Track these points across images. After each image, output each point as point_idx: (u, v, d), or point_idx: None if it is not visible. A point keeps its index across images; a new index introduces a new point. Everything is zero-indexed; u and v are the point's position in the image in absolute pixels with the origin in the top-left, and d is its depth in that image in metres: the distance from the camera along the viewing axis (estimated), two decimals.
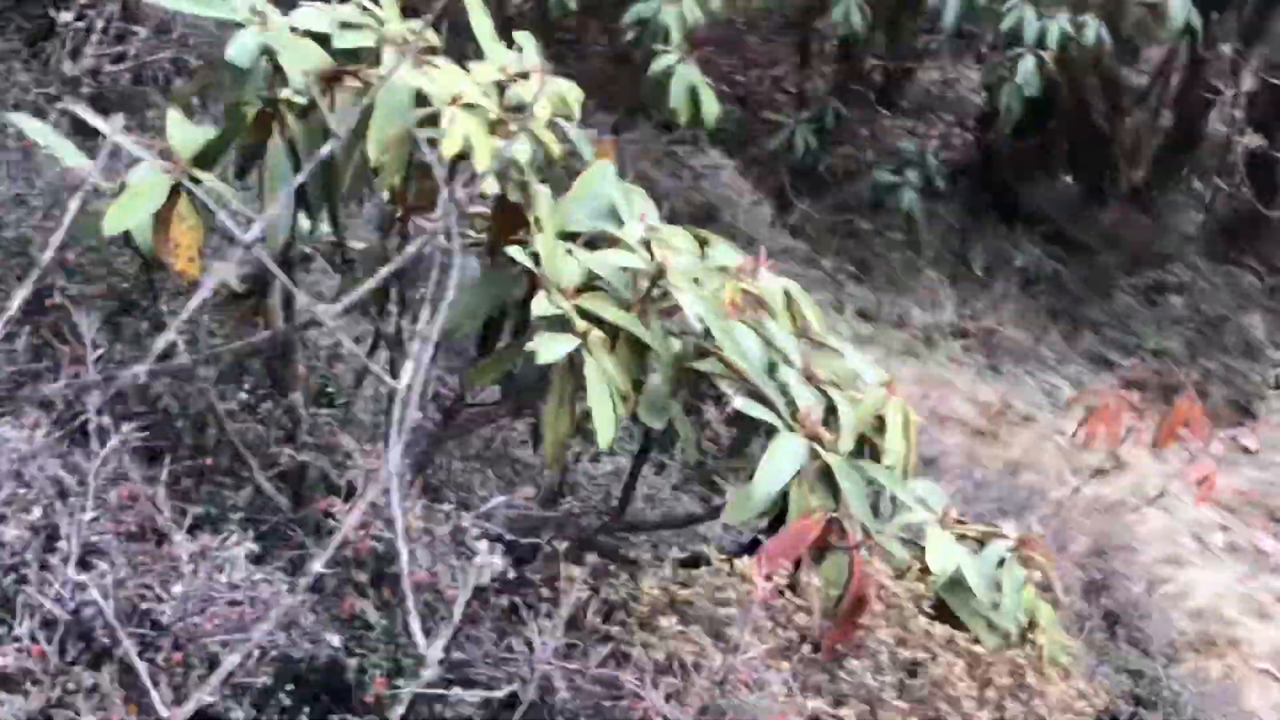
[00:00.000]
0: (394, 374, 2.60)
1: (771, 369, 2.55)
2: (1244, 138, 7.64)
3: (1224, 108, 8.32)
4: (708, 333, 2.49)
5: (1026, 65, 6.45)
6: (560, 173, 2.69)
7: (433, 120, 2.38)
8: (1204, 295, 7.56)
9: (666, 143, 5.82)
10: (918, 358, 6.53)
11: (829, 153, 7.44)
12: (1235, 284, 7.69)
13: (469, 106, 2.39)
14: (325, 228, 2.66)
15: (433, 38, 2.54)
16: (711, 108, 5.37)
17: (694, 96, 5.37)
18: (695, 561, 2.44)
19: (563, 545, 2.31)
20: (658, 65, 5.26)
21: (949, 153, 9.48)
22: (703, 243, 2.76)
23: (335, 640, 2.03)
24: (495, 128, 2.44)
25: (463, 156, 2.36)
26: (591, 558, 2.56)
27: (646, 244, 2.53)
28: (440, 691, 1.97)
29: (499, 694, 1.99)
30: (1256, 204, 7.72)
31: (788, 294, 2.77)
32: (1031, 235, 7.99)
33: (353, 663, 1.99)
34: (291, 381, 2.62)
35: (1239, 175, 8.14)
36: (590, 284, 2.50)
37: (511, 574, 2.13)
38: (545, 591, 2.25)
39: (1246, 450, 6.32)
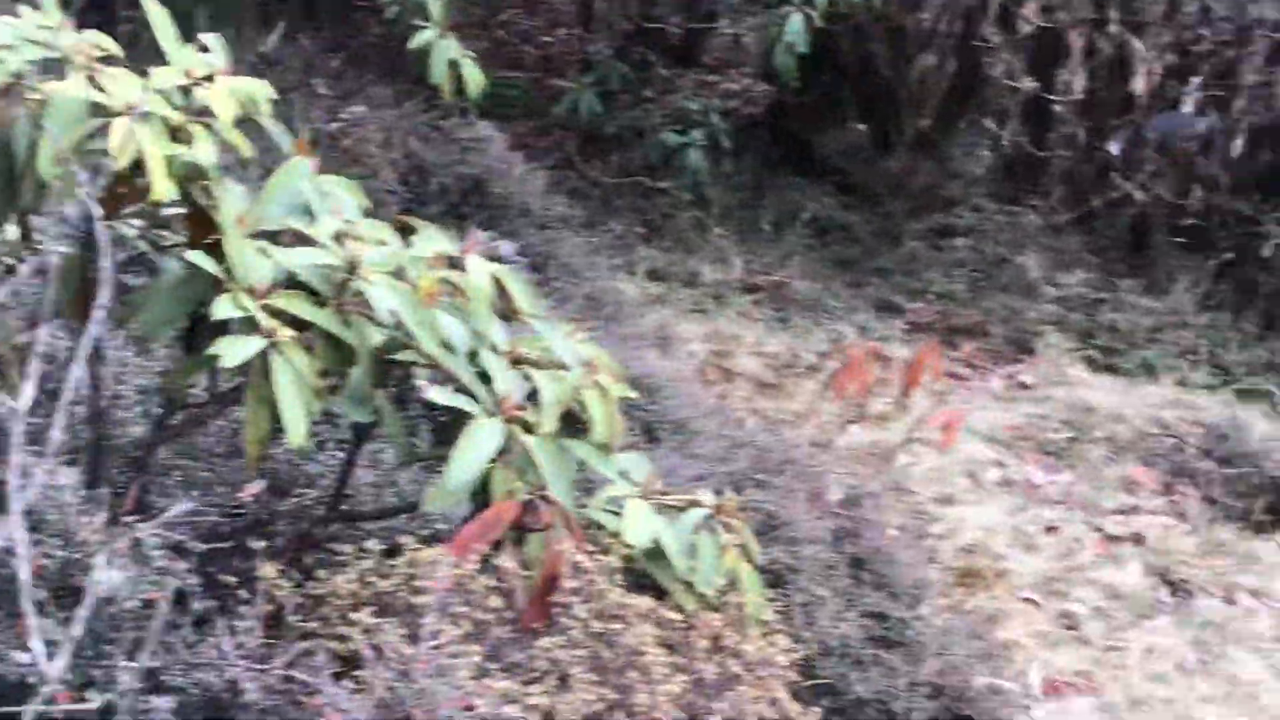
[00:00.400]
0: (95, 385, 2.63)
1: (474, 355, 2.60)
2: (1020, 81, 7.85)
3: (1003, 52, 8.54)
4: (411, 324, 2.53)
5: (794, 23, 6.55)
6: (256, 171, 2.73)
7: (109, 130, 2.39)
8: (987, 237, 7.77)
9: (437, 116, 5.82)
10: (708, 314, 6.65)
11: (616, 116, 7.51)
12: (1017, 224, 7.91)
13: (145, 115, 2.41)
14: None
15: (112, 46, 2.55)
16: (476, 80, 5.38)
17: (457, 70, 5.38)
18: (399, 550, 2.48)
19: (261, 544, 2.35)
20: (416, 41, 5.25)
21: (750, 108, 9.63)
22: (409, 232, 2.80)
23: (24, 657, 2.04)
24: (176, 133, 2.46)
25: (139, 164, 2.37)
26: (311, 553, 2.62)
27: (341, 238, 2.57)
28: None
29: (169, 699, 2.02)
30: (1029, 147, 7.95)
31: (496, 278, 2.81)
32: (823, 186, 8.15)
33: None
34: None
35: (1017, 118, 8.38)
36: (294, 282, 2.53)
37: (197, 579, 2.16)
38: (244, 593, 2.28)
39: (1025, 386, 6.53)
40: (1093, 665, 4.47)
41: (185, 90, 2.56)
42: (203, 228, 2.52)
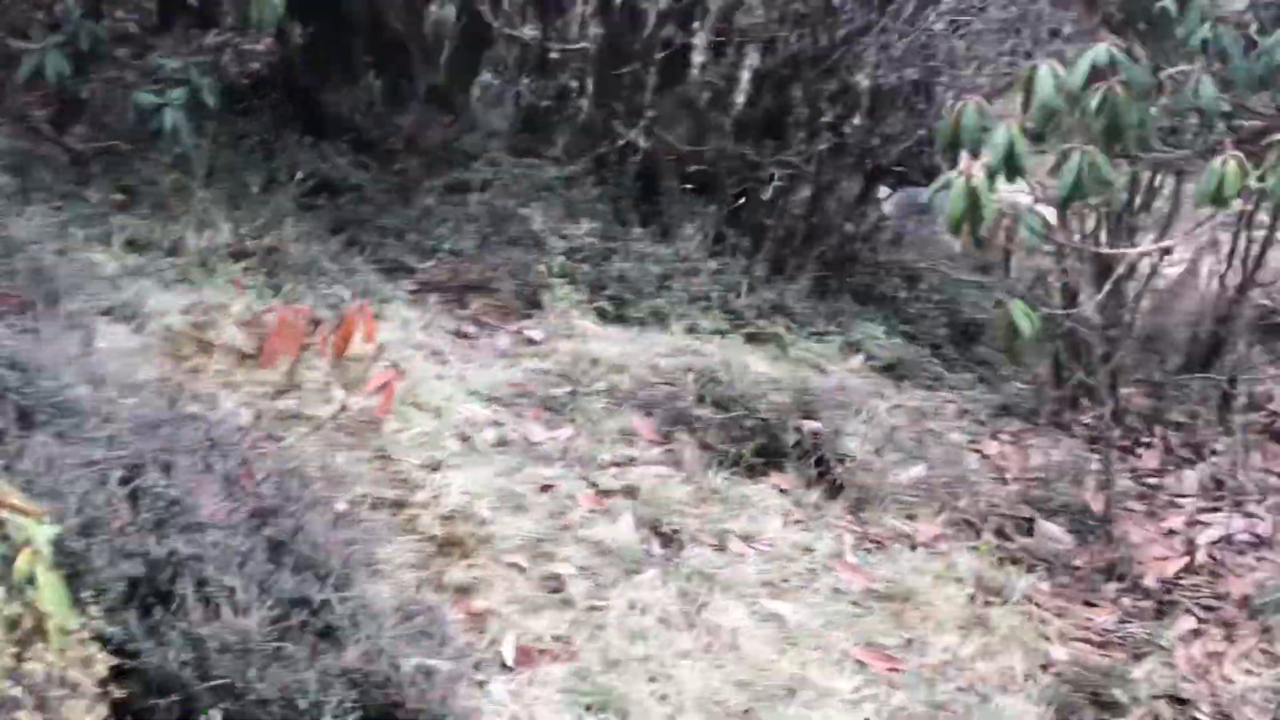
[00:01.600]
0: None
1: None
2: (522, 31, 7.66)
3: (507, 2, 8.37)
4: None
5: None
6: None
7: None
8: (502, 191, 7.55)
9: None
10: (193, 284, 6.18)
11: (90, 78, 6.93)
12: (532, 177, 7.72)
13: None
14: None
15: None
16: None
17: None
18: None
19: None
20: None
21: (257, 64, 9.15)
22: None
23: None
24: None
25: None
26: None
27: None
28: None
29: None
30: (537, 97, 7.80)
31: None
32: (335, 145, 7.79)
33: None
34: None
35: (529, 69, 8.21)
36: None
37: None
38: None
39: (533, 342, 6.34)
40: (573, 629, 4.27)
41: None
42: None
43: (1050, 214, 6.57)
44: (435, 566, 4.46)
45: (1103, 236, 5.94)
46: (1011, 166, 4.56)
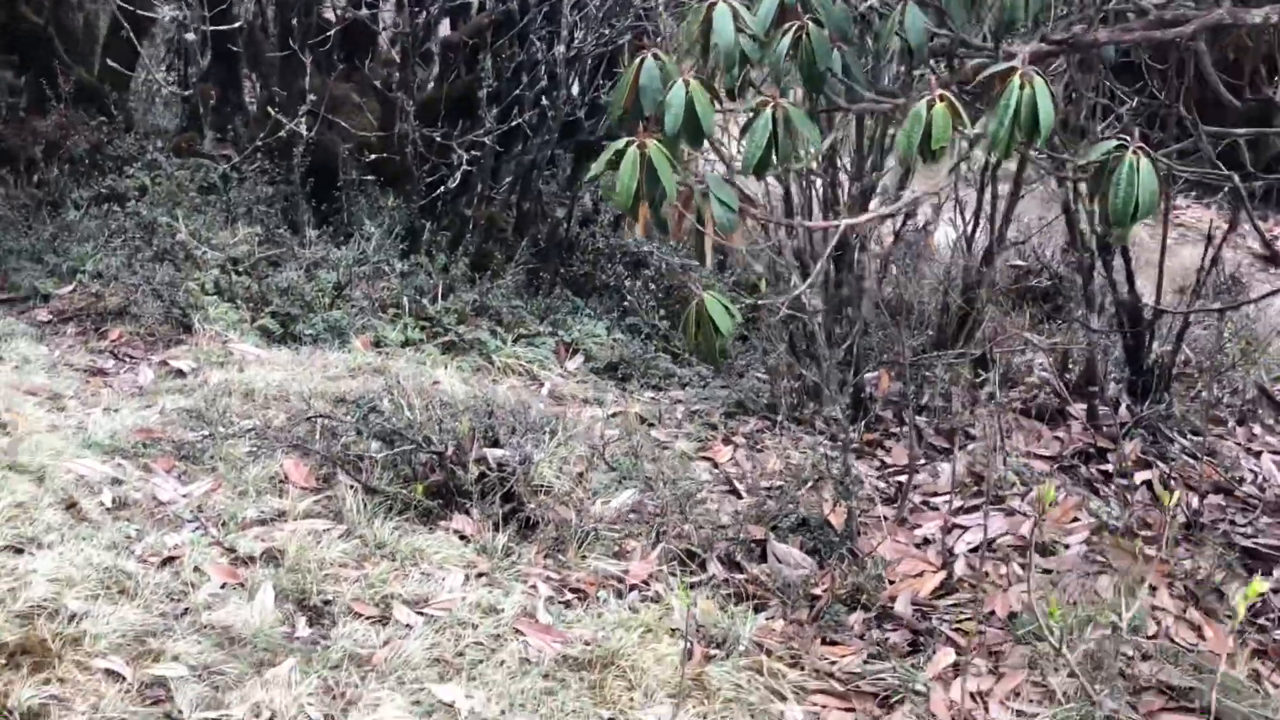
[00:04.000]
0: None
1: None
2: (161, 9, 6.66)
3: None
4: None
5: None
6: None
7: None
8: (158, 199, 6.51)
9: None
10: None
11: None
12: (195, 179, 6.70)
13: None
14: None
15: None
16: None
17: None
18: None
19: None
20: None
21: None
22: None
23: None
24: None
25: None
26: None
27: None
28: None
29: None
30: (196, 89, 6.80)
31: None
32: None
33: None
34: None
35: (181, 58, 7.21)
36: None
37: None
38: None
39: (181, 373, 5.36)
40: None
41: None
42: None
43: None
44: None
45: (815, 209, 5.15)
46: (694, 130, 3.70)
